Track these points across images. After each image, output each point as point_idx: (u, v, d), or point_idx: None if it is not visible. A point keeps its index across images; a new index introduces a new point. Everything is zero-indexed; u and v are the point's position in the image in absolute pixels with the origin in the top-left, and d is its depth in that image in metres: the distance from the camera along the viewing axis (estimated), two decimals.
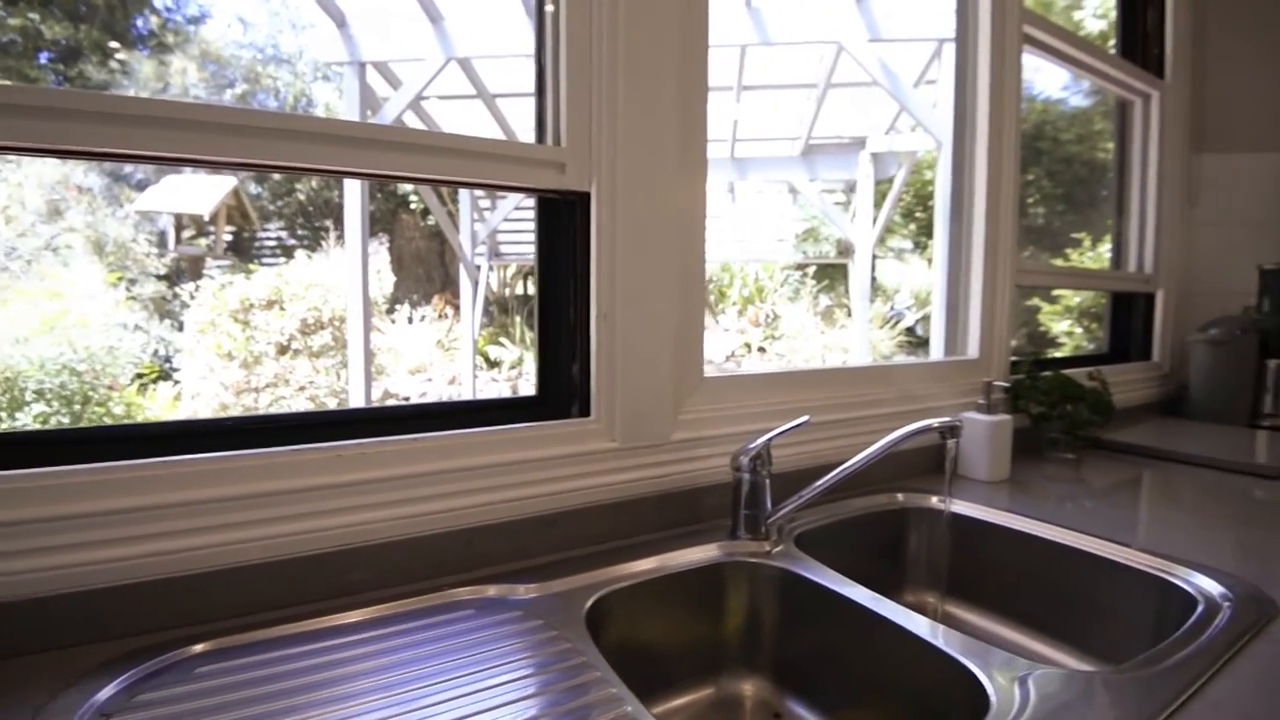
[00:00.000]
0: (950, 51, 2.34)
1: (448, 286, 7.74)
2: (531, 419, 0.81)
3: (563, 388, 0.86)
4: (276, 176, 7.36)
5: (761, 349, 7.02)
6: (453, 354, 6.44)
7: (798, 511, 0.83)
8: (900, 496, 1.00)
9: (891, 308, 7.94)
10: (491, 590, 0.68)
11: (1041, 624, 0.86)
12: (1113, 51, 1.87)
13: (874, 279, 6.35)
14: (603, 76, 0.80)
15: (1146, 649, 0.59)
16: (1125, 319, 1.94)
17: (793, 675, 0.75)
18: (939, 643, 0.59)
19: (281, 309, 5.32)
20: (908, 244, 8.75)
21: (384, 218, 8.18)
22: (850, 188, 6.59)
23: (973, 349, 1.29)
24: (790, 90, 5.56)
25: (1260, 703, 0.51)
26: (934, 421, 0.74)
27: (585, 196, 0.83)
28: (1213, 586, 0.71)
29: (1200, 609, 0.67)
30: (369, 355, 4.31)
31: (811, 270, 7.39)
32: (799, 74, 5.32)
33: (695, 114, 0.89)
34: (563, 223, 0.85)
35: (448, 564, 0.71)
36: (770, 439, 0.79)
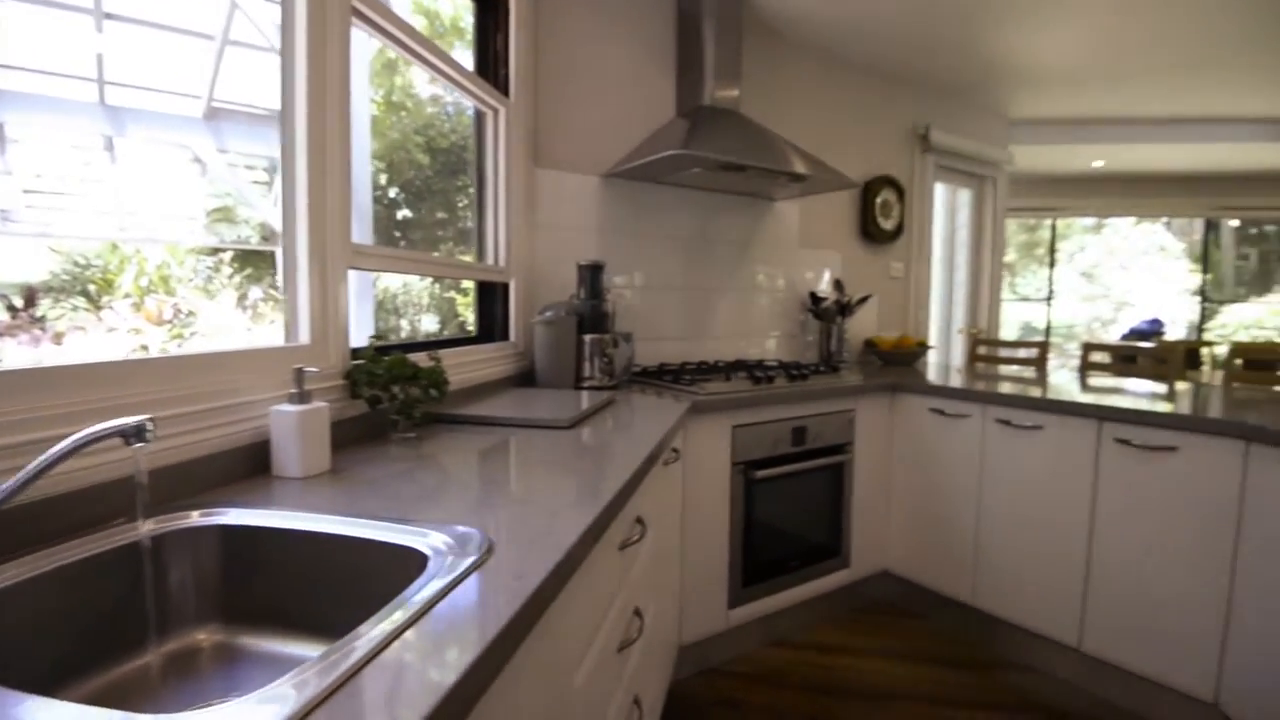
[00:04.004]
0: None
1: None
2: None
3: None
4: None
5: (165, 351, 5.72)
6: None
7: None
8: (168, 519, 0.80)
9: None
10: None
11: (317, 624, 0.80)
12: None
13: None
14: None
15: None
16: (490, 305, 2.20)
17: None
18: None
19: None
20: None
21: None
22: (275, 166, 5.96)
23: (304, 335, 1.19)
24: (183, 36, 4.62)
25: (426, 662, 0.52)
26: (117, 423, 0.57)
27: None
28: (444, 541, 0.75)
29: (430, 571, 0.69)
30: None
31: (229, 257, 6.43)
32: (193, 20, 4.47)
33: None
34: None
35: None
36: None
